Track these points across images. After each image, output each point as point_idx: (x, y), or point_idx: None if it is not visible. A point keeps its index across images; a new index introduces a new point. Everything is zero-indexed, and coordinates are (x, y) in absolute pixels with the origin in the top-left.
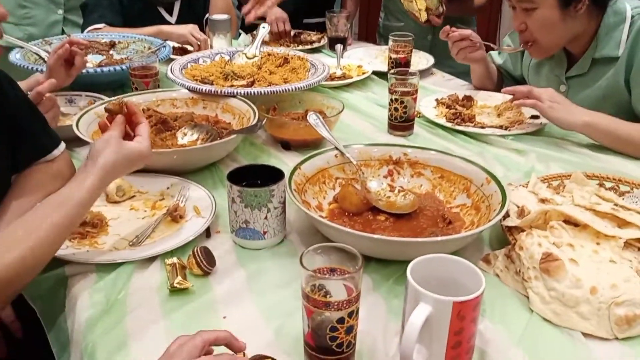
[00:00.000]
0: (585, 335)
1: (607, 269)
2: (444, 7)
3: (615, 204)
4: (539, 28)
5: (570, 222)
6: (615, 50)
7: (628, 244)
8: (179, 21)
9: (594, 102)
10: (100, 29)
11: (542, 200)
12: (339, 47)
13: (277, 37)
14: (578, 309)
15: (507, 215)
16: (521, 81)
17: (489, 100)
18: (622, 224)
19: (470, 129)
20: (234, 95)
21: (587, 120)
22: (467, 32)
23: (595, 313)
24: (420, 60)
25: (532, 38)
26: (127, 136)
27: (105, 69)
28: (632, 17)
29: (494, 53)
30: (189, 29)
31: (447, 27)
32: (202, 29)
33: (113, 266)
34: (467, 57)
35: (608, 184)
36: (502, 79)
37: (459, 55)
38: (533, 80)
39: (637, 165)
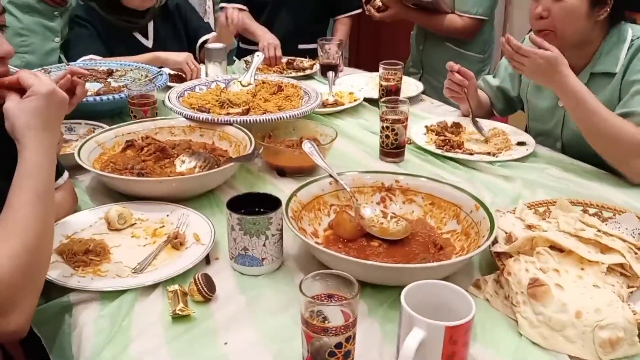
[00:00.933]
0: (572, 357)
1: (591, 293)
2: (383, 4)
3: (599, 230)
4: (564, 16)
5: (555, 247)
6: (614, 66)
7: (611, 269)
8: (156, 44)
9: None
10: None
11: (529, 227)
12: (330, 74)
13: (268, 63)
14: (564, 332)
15: (495, 241)
16: (517, 102)
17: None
18: (605, 249)
19: (459, 155)
20: (230, 124)
21: (558, 71)
22: (465, 82)
23: (580, 336)
24: (410, 87)
25: (552, 26)
26: None
27: (105, 97)
28: (632, 39)
29: (488, 77)
30: (185, 57)
31: (451, 63)
32: (195, 57)
33: (116, 293)
34: (453, 99)
35: (592, 210)
36: (492, 106)
37: (447, 94)
38: (533, 97)
39: (620, 192)
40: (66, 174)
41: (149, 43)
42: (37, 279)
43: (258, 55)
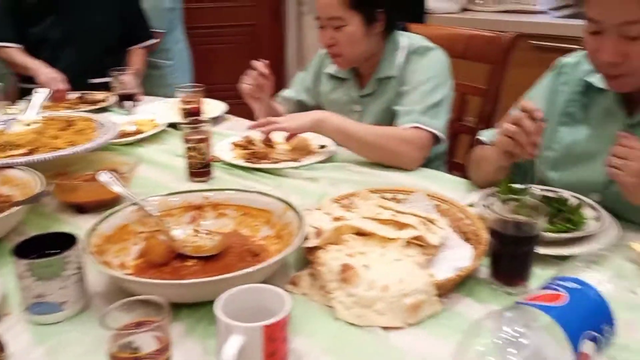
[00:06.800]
0: (385, 328)
1: (394, 267)
2: None
3: (396, 211)
4: (347, 43)
5: (361, 233)
6: (393, 71)
7: (410, 243)
8: None
9: (381, 114)
10: None
11: (336, 219)
12: (128, 103)
13: (57, 98)
14: (375, 307)
15: (307, 238)
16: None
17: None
18: (402, 226)
19: (266, 165)
20: (11, 167)
21: (316, 117)
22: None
23: (389, 307)
24: (214, 108)
25: (339, 52)
26: None
27: None
28: (407, 47)
29: (285, 91)
30: None
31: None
32: None
33: None
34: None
35: (388, 195)
36: None
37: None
38: (329, 106)
39: (408, 177)
40: None
41: None
42: None
43: (37, 92)
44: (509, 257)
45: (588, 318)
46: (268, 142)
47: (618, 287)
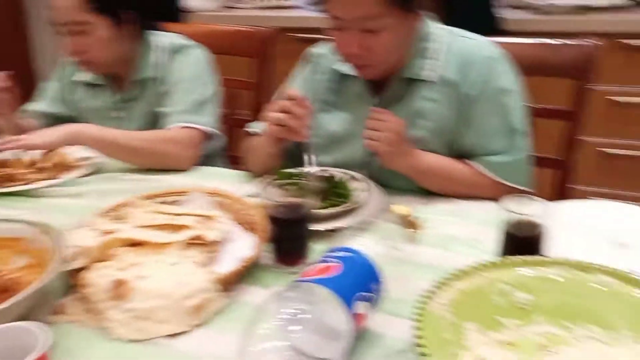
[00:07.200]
0: (170, 336)
1: (172, 271)
2: None
3: (172, 214)
4: (96, 48)
5: (135, 243)
6: (151, 71)
7: (191, 244)
8: None
9: (145, 117)
10: None
11: (107, 233)
12: None
13: None
14: (156, 317)
15: (71, 260)
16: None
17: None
18: (179, 228)
19: (19, 187)
20: None
21: (70, 130)
22: None
23: (171, 314)
24: None
25: (89, 58)
26: None
27: None
28: (166, 46)
29: (34, 105)
30: None
31: None
32: None
33: None
34: None
35: (165, 199)
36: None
37: None
38: (87, 114)
39: (187, 177)
40: None
41: None
42: None
43: None
44: (287, 238)
45: (358, 281)
46: (18, 162)
47: (384, 247)
